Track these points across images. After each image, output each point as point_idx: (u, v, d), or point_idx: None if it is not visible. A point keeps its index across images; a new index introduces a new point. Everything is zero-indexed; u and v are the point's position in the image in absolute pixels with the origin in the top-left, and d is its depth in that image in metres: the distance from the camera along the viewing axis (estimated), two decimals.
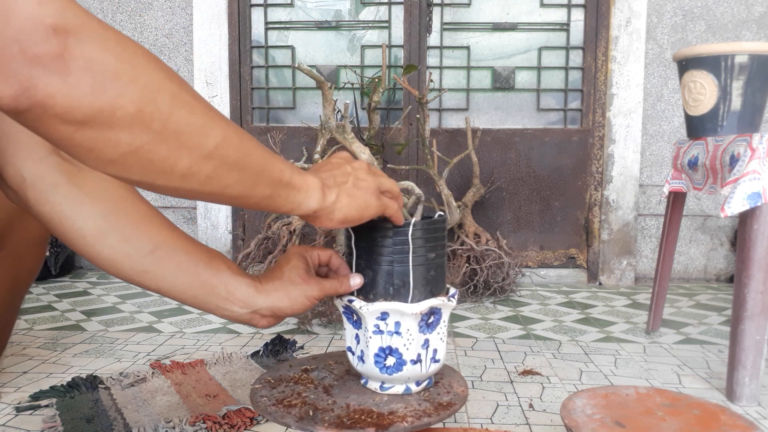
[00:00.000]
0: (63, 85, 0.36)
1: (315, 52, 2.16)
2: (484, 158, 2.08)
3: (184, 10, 2.12)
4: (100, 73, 0.37)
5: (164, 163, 0.43)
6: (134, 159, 0.41)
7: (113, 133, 0.39)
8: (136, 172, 0.43)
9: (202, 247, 0.65)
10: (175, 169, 0.44)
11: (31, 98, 0.35)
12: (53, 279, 2.04)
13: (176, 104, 0.42)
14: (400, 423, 0.60)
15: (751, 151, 1.00)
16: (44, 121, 0.37)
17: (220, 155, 0.46)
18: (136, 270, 0.62)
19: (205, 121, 0.45)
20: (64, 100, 0.36)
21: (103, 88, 0.37)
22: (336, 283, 0.66)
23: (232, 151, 0.47)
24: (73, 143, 0.39)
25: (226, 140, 0.47)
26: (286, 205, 0.54)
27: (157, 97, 0.41)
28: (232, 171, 0.48)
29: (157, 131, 0.41)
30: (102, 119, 0.38)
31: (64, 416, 0.93)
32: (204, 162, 0.45)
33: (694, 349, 1.33)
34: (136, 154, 0.41)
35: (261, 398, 0.67)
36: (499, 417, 0.96)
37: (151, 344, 1.34)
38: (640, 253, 2.13)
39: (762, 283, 1.00)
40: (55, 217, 0.60)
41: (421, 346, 0.66)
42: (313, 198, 0.55)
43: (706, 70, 1.17)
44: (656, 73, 2.06)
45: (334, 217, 0.57)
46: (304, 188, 0.54)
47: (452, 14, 2.12)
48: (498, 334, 1.44)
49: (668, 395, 0.74)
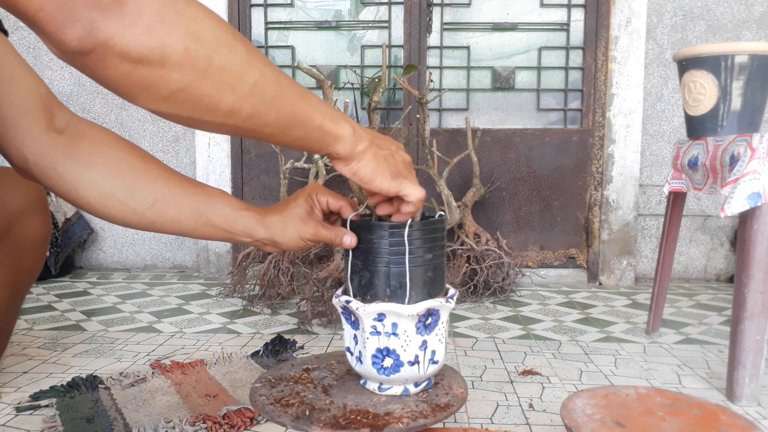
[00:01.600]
0: (120, 26, 0.40)
1: (315, 52, 2.16)
2: (484, 158, 2.08)
3: None
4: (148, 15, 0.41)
5: (210, 98, 0.47)
6: (183, 95, 0.45)
7: (165, 71, 0.43)
8: (186, 109, 0.47)
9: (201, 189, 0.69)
10: (221, 106, 0.48)
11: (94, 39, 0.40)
12: (53, 279, 2.04)
13: (218, 44, 0.46)
14: (395, 424, 0.60)
15: (751, 151, 1.00)
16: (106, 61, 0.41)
17: (260, 92, 0.50)
18: (144, 223, 0.67)
19: (245, 59, 0.48)
20: (122, 40, 0.40)
21: (152, 28, 0.41)
22: (332, 233, 0.68)
23: (271, 87, 0.51)
24: (130, 82, 0.43)
25: (264, 78, 0.50)
26: (316, 146, 0.58)
27: (201, 36, 0.44)
28: (270, 110, 0.51)
29: (202, 68, 0.45)
30: (154, 57, 0.42)
31: (64, 416, 0.93)
32: (246, 99, 0.49)
33: (694, 349, 1.33)
34: (185, 90, 0.45)
35: (259, 397, 0.67)
36: (499, 417, 0.96)
37: (151, 344, 1.34)
38: (640, 253, 2.13)
39: (762, 283, 1.00)
40: (61, 189, 0.65)
41: (419, 348, 0.66)
42: (342, 143, 0.59)
43: (706, 70, 1.16)
44: (656, 73, 2.06)
45: (351, 164, 0.60)
46: (334, 133, 0.58)
47: (452, 14, 2.12)
48: (498, 334, 1.44)
49: (668, 395, 0.74)
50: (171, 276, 2.12)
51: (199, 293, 1.86)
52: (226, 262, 2.14)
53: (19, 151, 0.65)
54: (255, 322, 1.53)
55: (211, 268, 2.15)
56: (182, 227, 0.68)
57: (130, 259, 2.23)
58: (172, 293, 1.85)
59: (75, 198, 0.65)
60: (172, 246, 2.22)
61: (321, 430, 0.59)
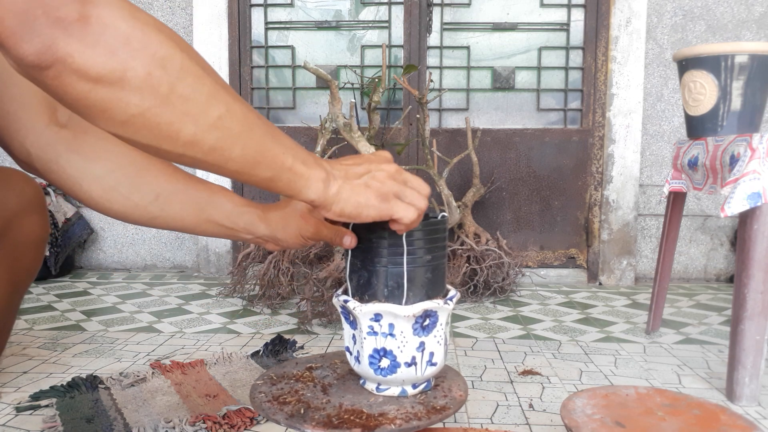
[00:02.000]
0: (81, 45, 0.40)
1: (315, 52, 2.16)
2: (484, 158, 2.08)
3: (184, 10, 2.12)
4: (113, 37, 0.41)
5: (170, 127, 0.45)
6: (142, 121, 0.44)
7: (124, 94, 0.42)
8: (144, 135, 0.46)
9: (203, 185, 0.69)
10: (180, 135, 0.46)
11: (53, 55, 0.39)
12: (53, 279, 2.04)
13: (184, 72, 0.45)
14: (387, 425, 0.60)
15: (751, 151, 1.00)
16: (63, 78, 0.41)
17: (224, 127, 0.48)
18: (146, 217, 0.67)
19: (211, 91, 0.47)
20: (81, 58, 0.40)
21: (115, 50, 0.41)
22: (332, 232, 0.68)
23: (237, 123, 0.49)
24: (88, 103, 0.42)
25: (230, 113, 0.49)
26: (286, 190, 0.55)
27: (166, 63, 0.44)
28: (234, 146, 0.49)
29: (164, 95, 0.44)
30: (114, 79, 0.42)
31: (64, 416, 0.93)
32: (208, 131, 0.47)
33: (694, 349, 1.33)
34: (143, 116, 0.44)
35: (258, 394, 0.67)
36: (499, 417, 0.96)
37: (151, 344, 1.34)
38: (640, 253, 2.12)
39: (762, 283, 1.00)
40: (64, 183, 0.65)
41: (416, 349, 0.66)
42: (313, 189, 0.56)
43: (706, 70, 1.16)
44: (656, 73, 2.06)
45: (331, 208, 0.57)
46: (306, 177, 0.55)
47: (452, 14, 2.12)
48: (498, 334, 1.44)
49: (668, 395, 0.74)
50: (171, 276, 2.12)
51: (199, 293, 1.86)
52: (226, 262, 2.14)
53: (21, 145, 0.65)
54: (255, 322, 1.53)
55: (211, 268, 2.15)
56: (184, 223, 0.68)
57: (130, 259, 2.23)
58: (172, 293, 1.85)
59: (78, 192, 0.65)
60: (172, 246, 2.22)
61: (313, 429, 0.59)
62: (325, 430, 0.59)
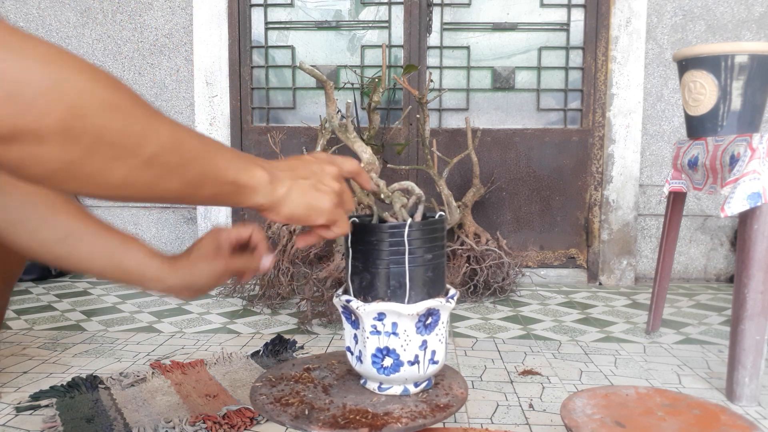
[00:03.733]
0: None
1: (315, 52, 2.16)
2: (484, 158, 2.08)
3: (184, 10, 2.12)
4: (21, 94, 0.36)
5: (99, 175, 0.42)
6: (66, 174, 0.41)
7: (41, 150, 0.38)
8: (71, 186, 0.42)
9: (116, 233, 0.68)
10: (111, 180, 0.43)
11: None
12: (53, 279, 2.04)
13: (109, 114, 0.41)
14: (393, 424, 0.60)
15: (751, 151, 1.00)
16: None
17: (159, 162, 0.45)
18: (52, 255, 0.66)
19: (142, 128, 0.44)
20: None
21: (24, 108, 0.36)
22: (245, 260, 0.69)
23: (172, 156, 0.46)
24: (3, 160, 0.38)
25: (164, 147, 0.45)
26: (231, 201, 0.54)
27: (86, 111, 0.39)
28: (173, 177, 0.47)
29: (88, 145, 0.40)
30: (27, 137, 0.37)
31: (64, 416, 0.93)
32: (142, 170, 0.44)
33: (694, 349, 1.33)
34: (67, 170, 0.40)
35: (259, 396, 0.67)
36: (499, 417, 0.96)
37: (151, 344, 1.34)
38: (640, 253, 2.12)
39: (762, 283, 1.00)
40: None
41: (419, 348, 0.66)
42: (260, 193, 0.55)
43: (706, 70, 1.16)
44: (656, 73, 2.06)
45: (280, 211, 0.57)
46: (251, 184, 0.54)
47: (452, 14, 2.12)
48: (498, 334, 1.44)
49: (668, 395, 0.74)
50: None
51: None
52: None
53: None
54: (255, 322, 1.53)
55: None
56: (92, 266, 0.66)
57: None
58: None
59: None
60: (173, 246, 2.22)
61: (320, 430, 0.59)
62: (332, 431, 0.59)
